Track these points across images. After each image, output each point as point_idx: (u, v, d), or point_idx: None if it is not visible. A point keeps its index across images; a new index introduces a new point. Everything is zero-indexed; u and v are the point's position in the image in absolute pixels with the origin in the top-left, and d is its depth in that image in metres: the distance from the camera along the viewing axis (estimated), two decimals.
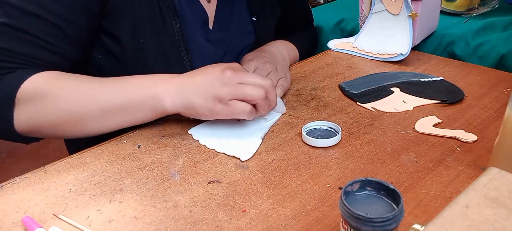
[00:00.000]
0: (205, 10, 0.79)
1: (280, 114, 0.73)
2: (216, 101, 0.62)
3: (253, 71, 0.79)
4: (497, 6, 1.11)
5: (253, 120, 0.70)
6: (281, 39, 0.96)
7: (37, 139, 0.68)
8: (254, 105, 0.64)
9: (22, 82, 0.62)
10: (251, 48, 0.89)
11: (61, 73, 0.66)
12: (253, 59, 0.81)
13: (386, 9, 0.93)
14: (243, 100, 0.63)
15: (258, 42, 0.89)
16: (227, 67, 0.65)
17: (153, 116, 0.65)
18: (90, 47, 0.71)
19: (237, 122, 0.70)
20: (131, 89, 0.64)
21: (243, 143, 0.65)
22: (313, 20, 1.09)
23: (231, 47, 0.84)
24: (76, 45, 0.68)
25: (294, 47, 0.97)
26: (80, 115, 0.63)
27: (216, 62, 0.81)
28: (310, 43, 1.07)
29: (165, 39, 0.73)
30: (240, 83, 0.63)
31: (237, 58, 0.86)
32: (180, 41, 0.74)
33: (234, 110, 0.63)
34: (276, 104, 0.68)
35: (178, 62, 0.75)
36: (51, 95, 0.62)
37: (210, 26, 0.81)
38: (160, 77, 0.66)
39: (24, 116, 0.62)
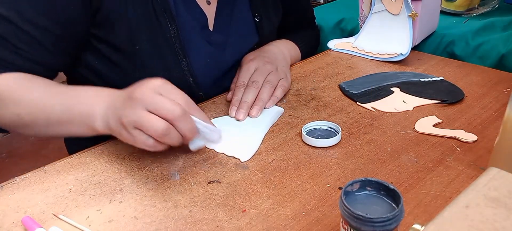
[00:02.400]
0: (204, 13, 0.79)
1: (213, 145, 0.64)
2: (121, 127, 0.55)
3: (254, 72, 0.78)
4: (497, 6, 1.11)
5: (254, 120, 0.70)
6: (283, 38, 0.96)
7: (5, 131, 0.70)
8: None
9: None
10: (253, 49, 0.88)
11: (24, 77, 0.65)
12: (253, 60, 0.81)
13: (386, 9, 0.93)
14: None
15: (260, 42, 0.89)
16: (133, 92, 0.55)
17: (90, 133, 0.62)
18: (74, 55, 0.72)
19: (237, 122, 0.70)
20: (74, 104, 0.62)
21: (243, 144, 0.65)
22: (315, 18, 1.09)
23: (233, 49, 0.84)
24: (53, 53, 0.67)
25: (296, 46, 0.97)
26: (26, 121, 0.63)
27: (217, 64, 0.81)
28: (312, 42, 1.07)
29: (162, 44, 0.72)
30: (146, 109, 0.53)
31: (239, 60, 0.86)
32: (177, 46, 0.73)
33: (136, 142, 0.55)
34: (196, 132, 0.58)
35: (177, 67, 0.74)
36: (4, 98, 0.63)
37: (211, 28, 0.81)
38: (102, 93, 0.61)
39: None
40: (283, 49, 0.91)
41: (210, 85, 0.80)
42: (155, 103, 0.53)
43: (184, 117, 0.55)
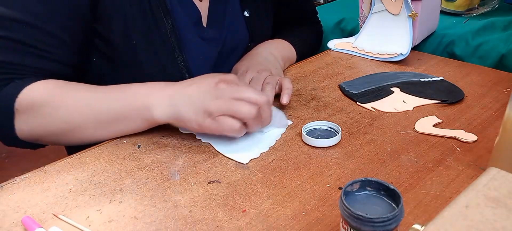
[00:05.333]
0: (197, 8, 0.78)
1: (282, 129, 0.68)
2: (205, 115, 0.60)
3: (250, 82, 0.76)
4: (497, 6, 1.11)
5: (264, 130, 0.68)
6: (279, 37, 0.94)
7: (42, 145, 0.68)
8: (245, 122, 0.62)
9: (20, 93, 0.62)
10: (247, 46, 0.87)
11: (59, 82, 0.65)
12: (247, 71, 0.78)
13: (386, 9, 0.93)
14: (233, 116, 0.60)
15: (253, 39, 0.87)
16: (222, 80, 0.62)
17: (145, 125, 0.65)
18: (86, 51, 0.71)
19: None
20: (125, 99, 0.63)
21: (245, 148, 0.64)
22: (316, 13, 1.06)
23: (226, 45, 0.83)
24: (72, 49, 0.67)
25: (289, 45, 0.94)
26: (76, 125, 0.63)
27: (210, 61, 0.80)
28: (310, 40, 1.03)
29: (158, 39, 0.72)
30: (233, 98, 0.60)
31: (232, 56, 0.84)
32: (173, 40, 0.73)
33: (222, 127, 0.60)
34: (270, 120, 0.65)
35: (172, 62, 0.74)
36: (48, 106, 0.62)
37: (204, 24, 0.80)
38: (155, 86, 0.64)
39: (24, 126, 0.63)
40: (274, 51, 0.87)
41: None
42: (244, 92, 0.60)
43: (268, 104, 0.63)
